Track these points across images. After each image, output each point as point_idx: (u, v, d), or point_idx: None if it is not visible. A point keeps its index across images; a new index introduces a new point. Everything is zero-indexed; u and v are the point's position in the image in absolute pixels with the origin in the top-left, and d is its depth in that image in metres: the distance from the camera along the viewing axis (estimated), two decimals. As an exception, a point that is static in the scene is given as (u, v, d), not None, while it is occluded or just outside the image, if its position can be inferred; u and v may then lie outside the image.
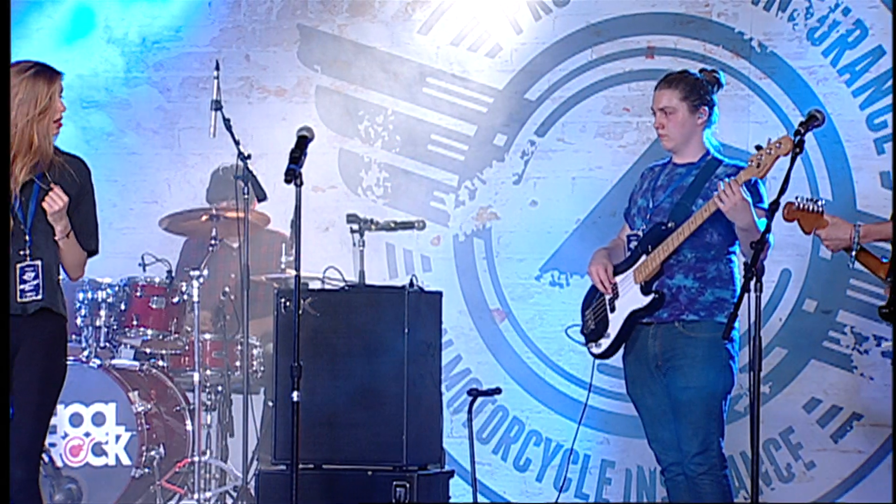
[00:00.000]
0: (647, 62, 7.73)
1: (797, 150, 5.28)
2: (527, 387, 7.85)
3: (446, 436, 7.13)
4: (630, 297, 5.81)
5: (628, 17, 7.77)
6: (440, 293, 6.82)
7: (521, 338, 7.90)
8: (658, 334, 5.76)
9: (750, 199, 5.53)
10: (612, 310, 5.87)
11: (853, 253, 5.16)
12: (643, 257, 5.78)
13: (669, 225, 5.72)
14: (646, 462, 7.51)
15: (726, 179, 5.60)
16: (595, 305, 5.97)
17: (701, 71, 5.95)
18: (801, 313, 7.50)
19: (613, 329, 5.86)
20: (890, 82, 7.37)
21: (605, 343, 5.90)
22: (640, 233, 5.86)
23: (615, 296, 5.86)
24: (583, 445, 7.62)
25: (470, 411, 6.76)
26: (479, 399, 6.96)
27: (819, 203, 5.43)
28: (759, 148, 5.50)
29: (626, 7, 7.77)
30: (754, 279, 5.13)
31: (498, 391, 6.99)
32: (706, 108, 5.83)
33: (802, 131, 5.31)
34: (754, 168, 5.48)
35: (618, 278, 5.87)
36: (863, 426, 7.40)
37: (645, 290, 5.76)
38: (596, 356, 5.97)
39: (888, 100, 7.26)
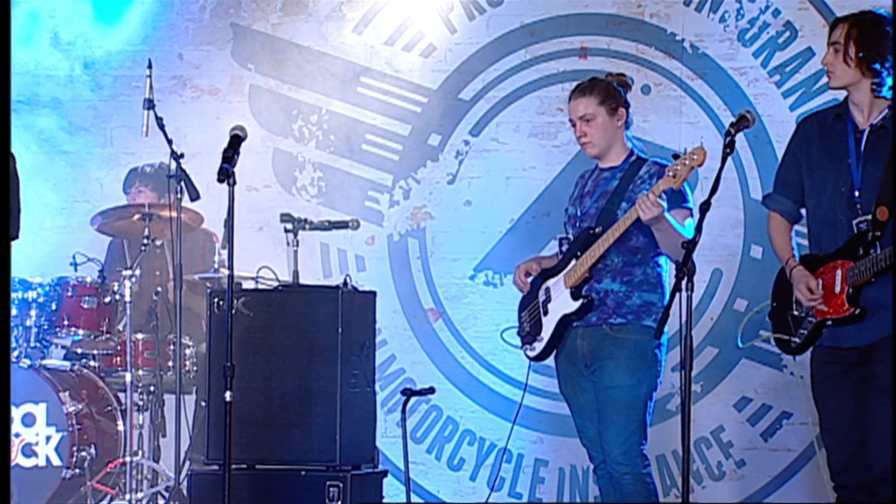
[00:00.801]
0: (581, 63, 7.77)
1: (728, 150, 5.30)
2: (461, 386, 7.87)
3: (380, 435, 7.13)
4: (561, 302, 5.85)
5: (562, 17, 7.81)
6: (374, 293, 6.82)
7: (455, 337, 7.91)
8: (587, 335, 5.80)
9: (665, 205, 5.56)
10: (546, 313, 5.91)
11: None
12: (573, 262, 5.82)
13: (597, 230, 5.76)
14: (579, 461, 7.55)
15: (649, 183, 5.66)
16: (530, 308, 6.00)
17: (608, 76, 5.99)
18: (732, 313, 7.56)
19: (546, 332, 5.90)
20: (820, 82, 7.44)
21: (538, 346, 5.93)
22: (571, 237, 5.91)
23: (548, 299, 5.90)
24: (516, 445, 7.64)
25: (404, 411, 6.76)
26: (413, 398, 6.97)
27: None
28: (676, 156, 5.54)
29: (560, 8, 7.80)
30: (685, 279, 5.15)
31: (432, 391, 7.00)
32: (623, 110, 5.88)
33: (733, 132, 5.33)
34: (671, 178, 5.53)
35: (550, 282, 5.90)
36: (792, 425, 7.47)
37: (574, 294, 5.80)
38: (531, 358, 6.01)
39: (818, 100, 7.33)
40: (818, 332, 5.38)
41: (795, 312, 5.47)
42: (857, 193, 5.32)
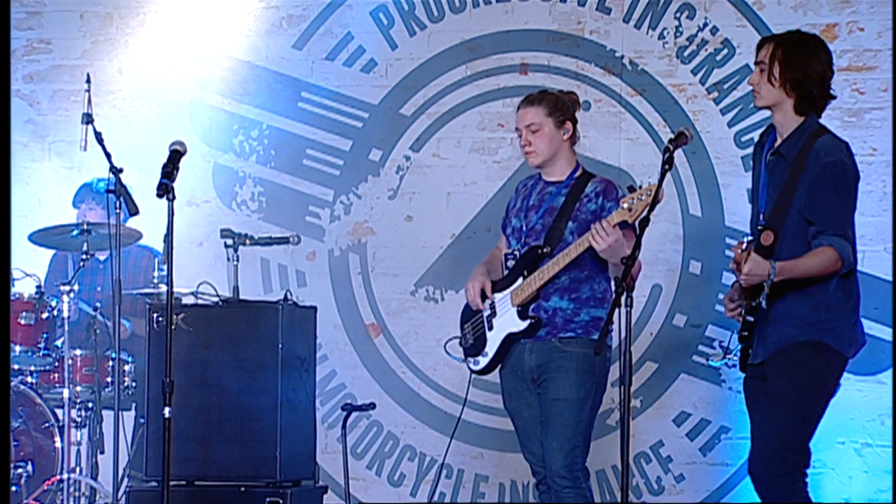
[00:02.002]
0: (521, 78, 7.80)
1: (667, 166, 5.32)
2: (401, 402, 7.86)
3: (320, 451, 7.12)
4: (507, 319, 5.85)
5: (502, 33, 7.83)
6: (315, 308, 6.80)
7: (396, 353, 7.91)
8: (535, 349, 5.81)
9: (623, 239, 5.59)
10: (490, 328, 5.91)
11: (766, 291, 5.27)
12: (520, 280, 5.82)
13: (545, 250, 5.78)
14: (519, 476, 7.56)
15: (595, 201, 5.68)
16: (474, 320, 5.99)
17: (559, 91, 6.02)
18: (671, 328, 7.60)
19: (491, 348, 5.90)
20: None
21: (483, 361, 5.94)
22: (517, 252, 5.91)
23: (493, 314, 5.90)
24: (457, 460, 7.65)
25: (344, 426, 6.76)
26: (354, 414, 6.96)
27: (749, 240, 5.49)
28: (631, 188, 5.55)
29: (500, 24, 7.82)
30: (625, 294, 5.17)
31: (372, 406, 6.99)
32: (570, 124, 5.91)
33: (671, 148, 5.34)
34: (626, 211, 5.54)
35: (496, 296, 5.91)
36: (730, 439, 7.51)
37: (522, 314, 5.81)
38: (475, 372, 6.01)
39: (756, 117, 7.38)
40: (746, 352, 5.44)
41: (745, 333, 5.52)
42: (761, 217, 5.37)
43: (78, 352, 7.27)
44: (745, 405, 5.53)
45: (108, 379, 7.27)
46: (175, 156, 5.62)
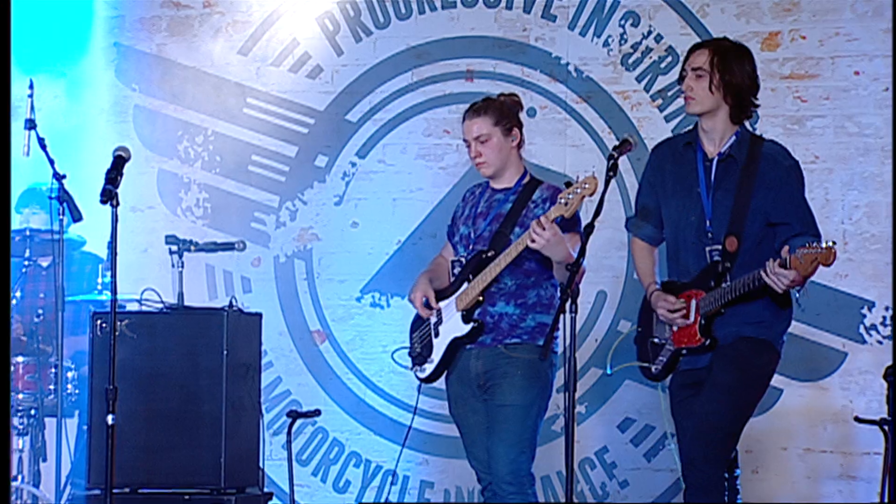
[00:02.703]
0: (467, 85, 7.81)
1: (611, 173, 5.34)
2: (347, 408, 7.85)
3: (266, 458, 7.09)
4: (452, 324, 5.86)
5: (448, 40, 7.84)
6: (260, 314, 6.79)
7: (342, 359, 7.90)
8: (481, 355, 5.82)
9: (558, 231, 5.60)
10: (437, 335, 5.92)
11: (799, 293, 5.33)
12: (465, 285, 5.83)
13: (490, 254, 5.79)
14: (464, 482, 7.57)
15: (542, 207, 5.69)
16: (421, 329, 6.00)
17: (500, 95, 6.02)
18: (616, 334, 7.62)
19: (437, 354, 5.90)
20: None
21: (429, 367, 5.94)
22: (463, 259, 5.92)
23: (439, 321, 5.90)
24: (402, 466, 7.64)
25: (289, 433, 6.74)
26: (299, 421, 6.95)
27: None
28: (568, 184, 5.57)
29: (446, 30, 7.84)
30: (570, 301, 5.19)
31: (317, 413, 6.98)
32: (517, 131, 5.92)
33: (616, 155, 5.37)
34: (562, 206, 5.56)
35: (442, 304, 5.91)
36: (674, 445, 7.53)
37: (466, 318, 5.82)
38: (421, 380, 6.01)
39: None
40: (676, 359, 5.46)
41: (655, 340, 5.54)
42: (708, 223, 5.38)
43: (20, 359, 7.22)
44: (674, 413, 5.54)
45: (51, 386, 7.22)
46: (119, 162, 5.60)
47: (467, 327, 5.81)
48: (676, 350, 5.45)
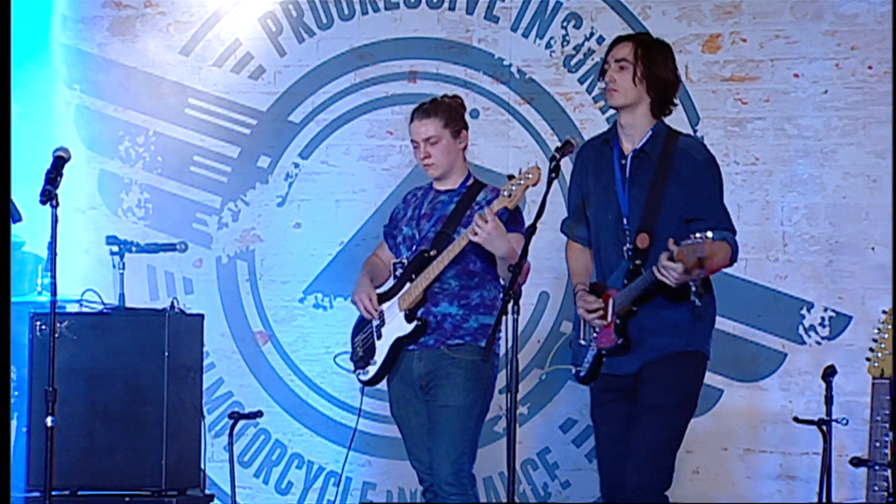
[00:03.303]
0: (410, 86, 7.81)
1: (553, 174, 5.34)
2: (290, 409, 7.83)
3: (207, 459, 7.06)
4: (395, 325, 5.86)
5: (391, 41, 7.85)
6: (202, 316, 6.76)
7: (285, 360, 7.88)
8: (424, 356, 5.82)
9: (504, 228, 5.61)
10: (379, 337, 5.91)
11: (695, 289, 5.26)
12: (407, 285, 5.84)
13: (432, 253, 5.79)
14: (406, 483, 7.57)
15: (486, 208, 5.70)
16: (364, 333, 5.99)
17: (443, 97, 6.03)
18: (558, 335, 7.65)
19: (380, 356, 5.90)
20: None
21: (371, 370, 5.94)
22: (405, 260, 5.92)
23: (382, 323, 5.90)
24: (345, 468, 7.63)
25: (231, 434, 6.72)
26: (241, 422, 6.93)
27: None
28: (511, 177, 5.59)
29: (389, 32, 7.84)
30: (512, 302, 5.18)
31: (259, 414, 6.96)
32: (465, 133, 5.93)
33: (558, 157, 5.35)
34: (506, 198, 5.57)
35: (384, 305, 5.91)
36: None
37: (409, 317, 5.82)
38: (364, 383, 6.00)
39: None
40: (599, 361, 5.39)
41: (581, 342, 5.50)
42: (625, 221, 5.33)
43: (-41, 360, 7.16)
44: (593, 416, 5.50)
45: (-10, 388, 7.16)
46: (59, 162, 5.56)
47: (410, 326, 5.81)
48: (598, 351, 5.40)
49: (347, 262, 7.74)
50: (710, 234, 4.94)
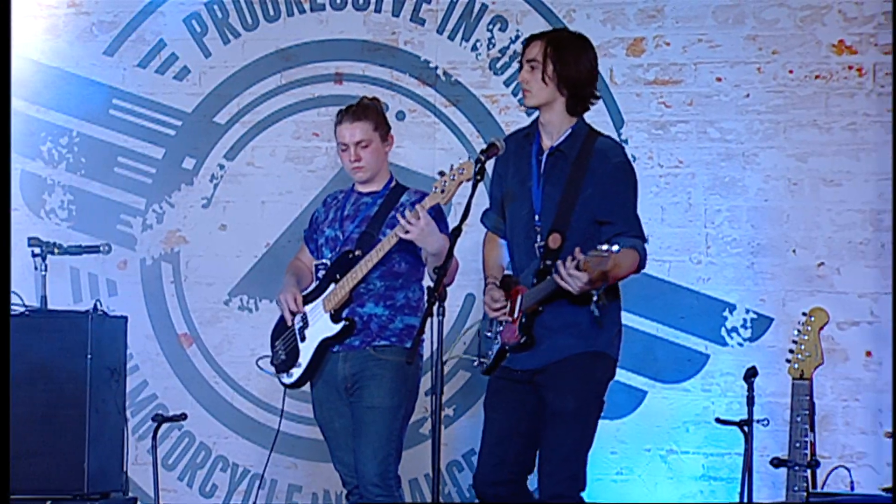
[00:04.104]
0: (336, 88, 7.81)
1: (478, 177, 5.35)
2: (214, 412, 7.80)
3: (131, 462, 7.03)
4: (320, 326, 5.85)
5: (317, 43, 7.83)
6: (125, 318, 6.73)
7: (209, 363, 7.85)
8: (349, 358, 5.82)
9: (435, 224, 5.63)
10: (303, 339, 5.90)
11: (596, 298, 5.26)
12: (332, 286, 5.83)
13: (357, 253, 5.79)
14: (332, 485, 7.56)
15: (411, 208, 5.70)
16: (286, 336, 5.98)
17: (364, 99, 6.03)
18: (484, 338, 7.65)
19: (304, 358, 5.89)
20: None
21: (296, 372, 5.92)
22: (328, 262, 5.91)
23: (305, 325, 5.89)
24: (270, 470, 7.58)
25: (154, 437, 6.69)
26: (165, 425, 6.89)
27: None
28: (442, 174, 5.59)
29: (315, 33, 7.83)
30: (437, 303, 5.19)
31: (184, 417, 6.93)
32: (391, 135, 5.95)
33: (483, 159, 5.35)
34: (438, 194, 5.57)
35: (307, 307, 5.90)
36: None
37: (335, 318, 5.81)
38: (287, 386, 5.99)
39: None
40: (503, 356, 5.41)
41: (488, 334, 5.51)
42: (536, 218, 5.33)
43: None
44: (486, 404, 5.48)
45: None
46: (-21, 163, 5.52)
47: (337, 327, 5.81)
48: (502, 346, 5.41)
49: (273, 264, 7.72)
50: (615, 247, 4.94)
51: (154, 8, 7.94)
